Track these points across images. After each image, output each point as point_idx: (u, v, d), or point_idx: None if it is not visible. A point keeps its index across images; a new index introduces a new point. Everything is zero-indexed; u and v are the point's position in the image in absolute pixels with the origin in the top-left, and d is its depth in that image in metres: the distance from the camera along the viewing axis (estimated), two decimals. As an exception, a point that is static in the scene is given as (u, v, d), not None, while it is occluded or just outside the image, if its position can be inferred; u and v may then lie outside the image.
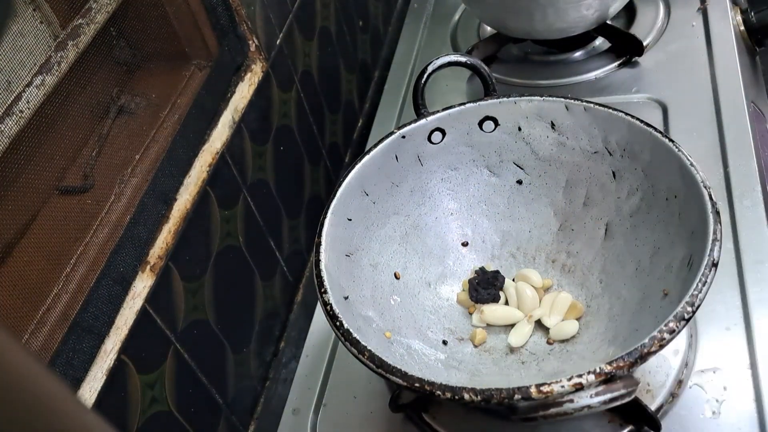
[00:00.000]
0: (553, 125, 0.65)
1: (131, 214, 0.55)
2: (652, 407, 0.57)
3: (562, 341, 0.61)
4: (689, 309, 0.46)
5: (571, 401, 0.44)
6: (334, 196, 0.61)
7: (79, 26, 0.56)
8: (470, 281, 0.66)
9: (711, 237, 0.50)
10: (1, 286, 0.48)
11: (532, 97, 0.65)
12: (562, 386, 0.43)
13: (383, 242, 0.66)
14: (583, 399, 0.44)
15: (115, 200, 0.57)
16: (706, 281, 0.47)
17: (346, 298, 0.57)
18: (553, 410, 0.44)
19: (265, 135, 0.75)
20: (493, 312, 0.64)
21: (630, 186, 0.62)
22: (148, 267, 0.56)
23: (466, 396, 0.45)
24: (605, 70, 0.89)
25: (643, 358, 0.44)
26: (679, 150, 0.56)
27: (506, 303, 0.66)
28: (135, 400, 0.54)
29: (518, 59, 0.96)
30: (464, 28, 1.04)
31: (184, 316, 0.61)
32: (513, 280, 0.67)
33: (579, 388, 0.43)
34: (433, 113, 0.66)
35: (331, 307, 0.53)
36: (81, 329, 0.49)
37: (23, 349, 0.24)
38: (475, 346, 0.62)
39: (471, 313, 0.65)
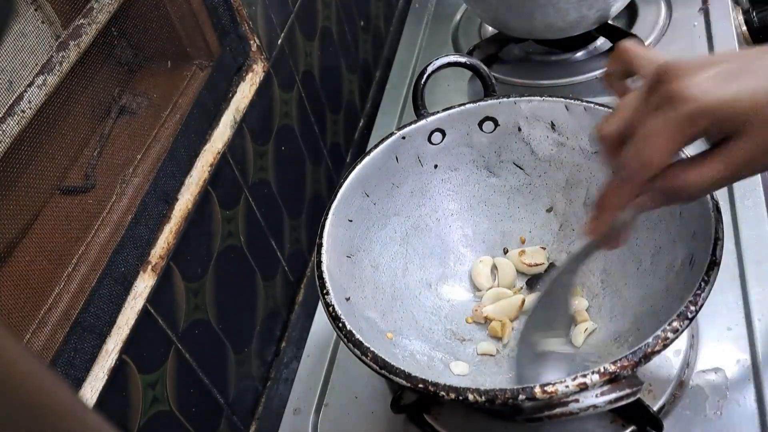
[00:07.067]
0: (553, 125, 0.65)
1: (133, 214, 0.55)
2: (654, 407, 0.57)
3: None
4: (692, 308, 0.46)
5: (577, 401, 0.43)
6: (335, 197, 0.61)
7: (80, 26, 0.55)
8: None
9: (713, 237, 0.50)
10: (3, 285, 0.48)
11: (532, 98, 0.65)
12: (567, 386, 0.43)
13: (384, 243, 0.65)
14: (589, 399, 0.44)
15: (116, 200, 0.57)
16: (708, 281, 0.47)
17: (348, 299, 0.57)
18: (558, 410, 0.43)
19: (266, 135, 0.75)
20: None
21: (631, 186, 0.62)
22: (150, 267, 0.56)
23: (471, 396, 0.45)
24: (606, 70, 0.89)
25: (647, 357, 0.44)
26: (681, 150, 0.56)
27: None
28: (136, 400, 0.54)
29: (520, 59, 0.96)
30: (465, 28, 1.04)
31: (186, 316, 0.61)
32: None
33: (583, 388, 0.43)
34: (433, 114, 0.66)
35: (334, 308, 0.53)
36: (82, 329, 0.49)
37: (25, 348, 0.24)
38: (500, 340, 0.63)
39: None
